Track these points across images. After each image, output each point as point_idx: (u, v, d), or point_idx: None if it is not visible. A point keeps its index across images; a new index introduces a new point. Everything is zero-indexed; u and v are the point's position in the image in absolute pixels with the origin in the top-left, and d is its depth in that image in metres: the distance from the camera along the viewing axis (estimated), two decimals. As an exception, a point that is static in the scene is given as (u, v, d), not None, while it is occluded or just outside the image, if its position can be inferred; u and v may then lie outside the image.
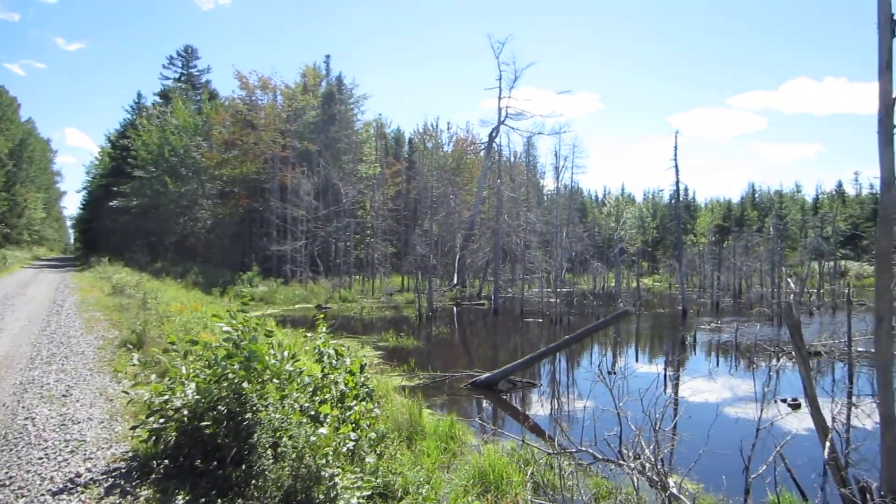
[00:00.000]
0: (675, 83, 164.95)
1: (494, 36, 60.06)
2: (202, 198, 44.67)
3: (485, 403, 12.81)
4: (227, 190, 45.04)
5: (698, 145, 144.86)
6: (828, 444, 6.00)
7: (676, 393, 14.20)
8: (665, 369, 16.96)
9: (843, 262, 58.54)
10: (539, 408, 12.83)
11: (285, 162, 43.35)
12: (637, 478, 6.09)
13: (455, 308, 33.20)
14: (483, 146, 48.25)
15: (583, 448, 6.72)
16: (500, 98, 42.28)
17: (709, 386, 14.45)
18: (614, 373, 12.68)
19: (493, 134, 44.22)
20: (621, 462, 6.32)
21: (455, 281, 42.15)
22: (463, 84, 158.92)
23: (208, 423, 5.20)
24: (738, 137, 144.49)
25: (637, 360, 18.97)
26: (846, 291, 18.71)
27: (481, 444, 8.22)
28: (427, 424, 8.62)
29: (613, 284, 45.09)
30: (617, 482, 6.98)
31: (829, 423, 6.37)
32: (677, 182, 33.38)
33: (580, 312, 30.24)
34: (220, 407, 5.22)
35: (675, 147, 32.13)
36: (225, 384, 5.32)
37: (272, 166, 43.26)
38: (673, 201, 47.19)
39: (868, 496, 5.67)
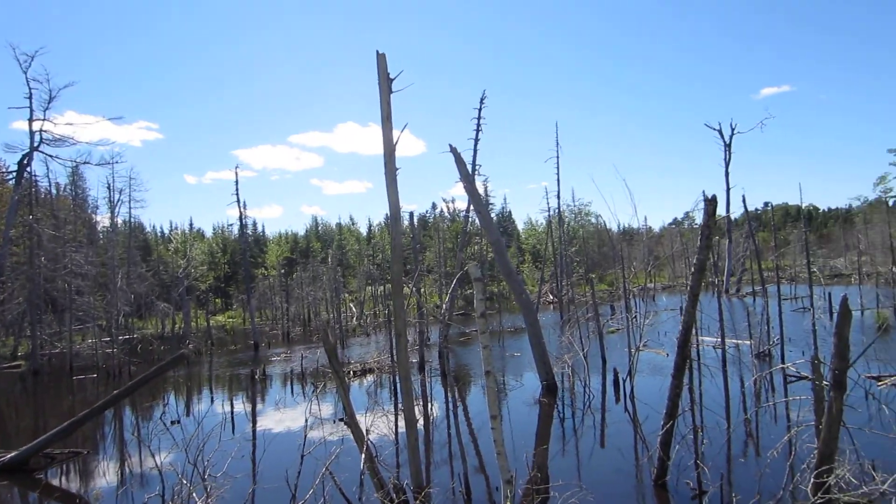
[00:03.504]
0: (238, 118, 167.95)
1: (21, 47, 51.01)
2: None
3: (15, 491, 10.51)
4: None
5: (265, 181, 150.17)
6: (364, 453, 6.71)
7: (254, 429, 14.16)
8: (232, 409, 16.75)
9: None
10: (101, 479, 11.15)
11: None
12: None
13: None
14: (11, 176, 40.30)
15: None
16: (31, 120, 36.06)
17: (277, 417, 14.83)
18: (178, 422, 11.91)
19: (25, 161, 37.37)
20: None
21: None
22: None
23: None
24: (300, 173, 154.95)
25: (211, 403, 18.31)
26: (386, 312, 21.70)
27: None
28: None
29: (183, 325, 42.86)
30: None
31: (366, 433, 7.12)
32: (241, 217, 33.89)
33: (145, 360, 27.77)
34: None
35: (237, 182, 32.66)
36: None
37: None
38: (244, 235, 47.53)
39: (401, 493, 6.52)
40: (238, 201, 32.71)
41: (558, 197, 42.65)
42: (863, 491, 7.28)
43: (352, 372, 20.35)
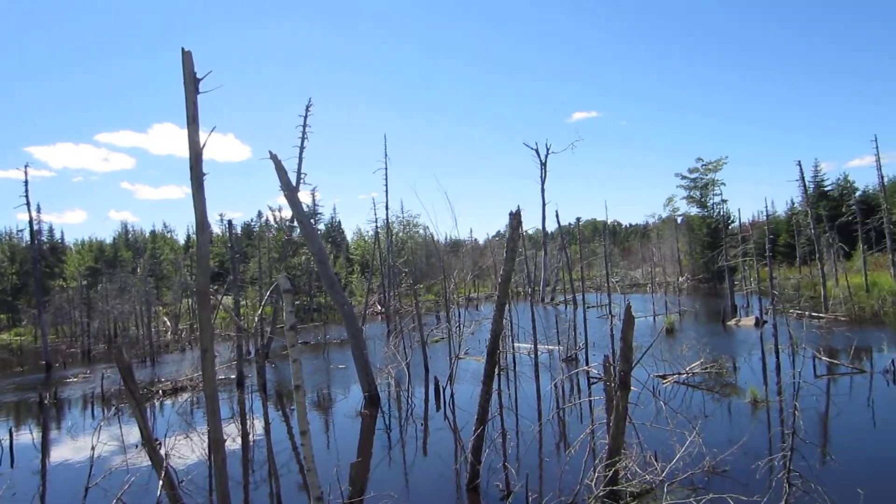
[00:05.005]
0: (33, 112, 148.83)
1: None
2: None
3: None
4: None
5: (65, 182, 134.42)
6: (162, 479, 6.20)
7: (44, 460, 12.51)
8: (11, 439, 14.60)
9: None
10: None
11: None
12: None
13: None
14: None
15: None
16: None
17: (71, 445, 13.27)
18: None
19: None
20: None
21: None
22: None
23: None
24: (108, 175, 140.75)
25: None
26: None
27: None
28: None
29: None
30: None
31: (165, 456, 6.60)
32: (32, 221, 30.07)
33: None
34: None
35: (27, 182, 28.88)
36: None
37: None
38: (35, 242, 42.07)
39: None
40: (28, 204, 28.97)
41: (387, 208, 43.10)
42: (645, 479, 8.12)
43: (161, 391, 18.78)
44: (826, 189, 64.60)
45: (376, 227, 45.38)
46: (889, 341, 20.42)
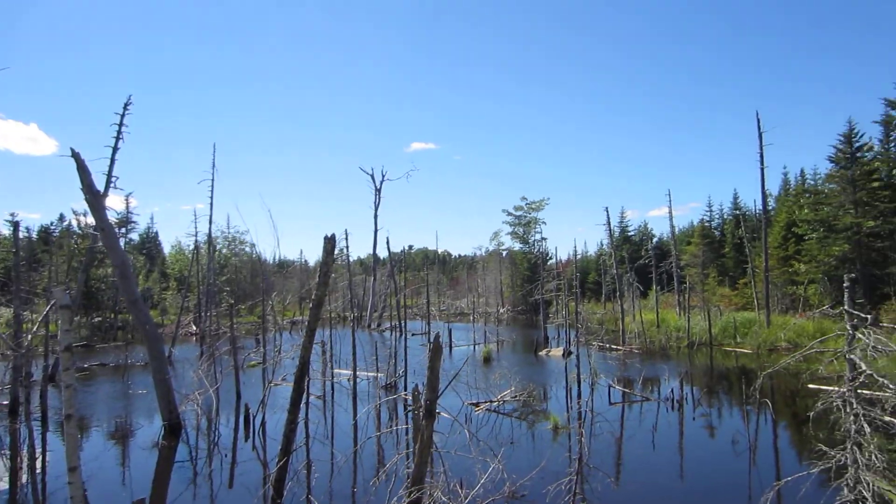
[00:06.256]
0: None
1: None
2: None
3: None
4: None
5: None
6: None
7: None
8: None
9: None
10: None
11: None
12: None
13: None
14: None
15: None
16: None
17: None
18: None
19: None
20: None
21: None
22: None
23: None
24: None
25: None
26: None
27: None
28: None
29: None
30: None
31: None
32: None
33: None
34: None
35: None
36: None
37: None
38: None
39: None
40: None
41: (210, 222, 40.51)
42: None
43: None
44: (629, 234, 72.13)
45: (196, 240, 42.48)
46: (671, 372, 22.92)
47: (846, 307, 6.93)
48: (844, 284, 7.17)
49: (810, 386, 16.58)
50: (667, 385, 20.11)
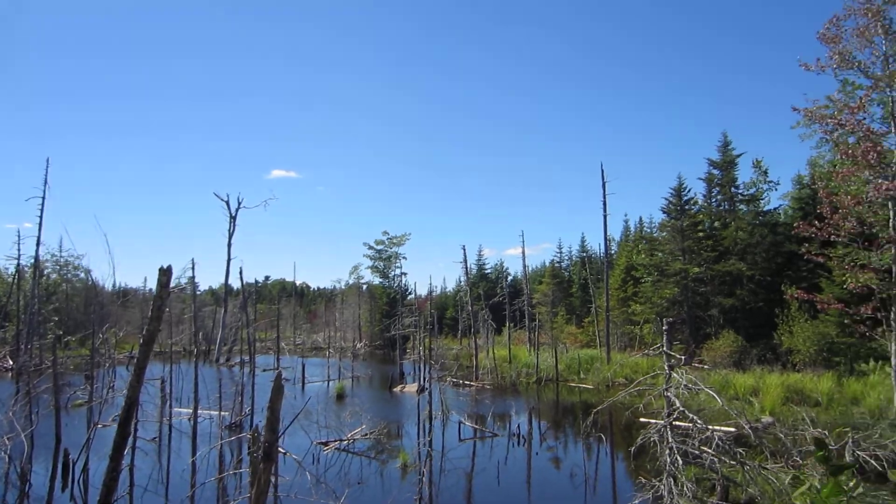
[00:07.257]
0: None
1: None
2: None
3: None
4: None
5: None
6: None
7: None
8: None
9: None
10: None
11: None
12: None
13: None
14: None
15: None
16: None
17: None
18: None
19: None
20: None
21: None
22: None
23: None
24: None
25: None
26: None
27: None
28: None
29: None
30: None
31: None
32: None
33: None
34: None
35: None
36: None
37: None
38: None
39: None
40: None
41: (38, 243, 36.45)
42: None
43: None
44: (486, 272, 74.72)
45: (18, 263, 38.06)
46: (519, 407, 23.78)
47: (664, 349, 7.61)
48: (664, 328, 7.88)
49: (642, 419, 17.96)
50: (516, 420, 20.81)
